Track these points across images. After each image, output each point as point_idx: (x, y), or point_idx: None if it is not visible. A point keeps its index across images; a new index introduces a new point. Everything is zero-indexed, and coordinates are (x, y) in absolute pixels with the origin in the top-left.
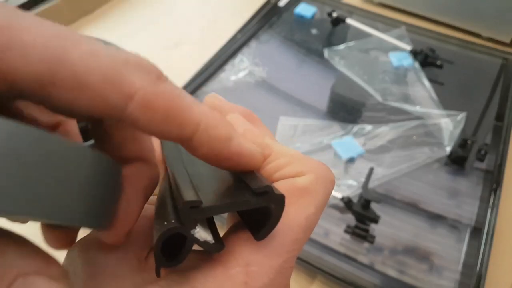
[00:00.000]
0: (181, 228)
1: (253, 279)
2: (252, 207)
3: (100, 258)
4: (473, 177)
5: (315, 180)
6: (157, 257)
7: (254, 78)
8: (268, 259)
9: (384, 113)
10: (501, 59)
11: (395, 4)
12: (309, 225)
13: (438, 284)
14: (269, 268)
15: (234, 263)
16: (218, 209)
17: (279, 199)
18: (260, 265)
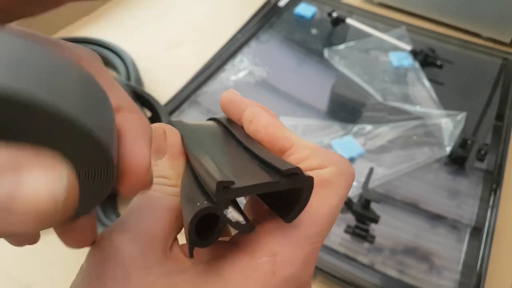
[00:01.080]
0: (215, 208)
1: (280, 268)
2: (282, 188)
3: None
4: (473, 177)
5: (337, 173)
6: (191, 237)
7: (254, 78)
8: (294, 250)
9: (384, 113)
10: (501, 59)
11: (395, 4)
12: (331, 217)
13: (438, 284)
14: (295, 258)
15: (260, 253)
16: (250, 189)
17: (309, 181)
18: (287, 255)
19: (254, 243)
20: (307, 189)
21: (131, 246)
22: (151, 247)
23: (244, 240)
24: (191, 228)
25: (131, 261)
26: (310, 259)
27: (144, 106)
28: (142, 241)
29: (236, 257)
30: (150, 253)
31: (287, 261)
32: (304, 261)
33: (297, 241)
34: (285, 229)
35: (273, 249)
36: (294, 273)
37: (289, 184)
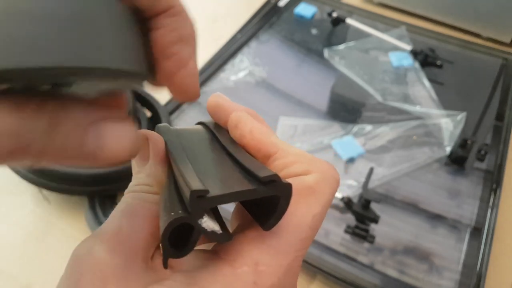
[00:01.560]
0: (188, 217)
1: (262, 278)
2: (260, 196)
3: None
4: (473, 177)
5: (321, 179)
6: (164, 247)
7: (254, 78)
8: (276, 259)
9: (384, 113)
10: (501, 59)
11: (395, 4)
12: (315, 224)
13: (438, 284)
14: (278, 267)
15: (242, 263)
16: (225, 198)
17: (286, 188)
18: (269, 264)
19: (235, 252)
20: (285, 196)
21: (110, 257)
22: (131, 258)
23: (226, 249)
24: (164, 239)
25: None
26: (293, 268)
27: (144, 106)
28: (122, 251)
29: (217, 267)
30: (129, 264)
31: (269, 271)
32: (287, 270)
33: (279, 250)
34: (267, 237)
35: (254, 258)
36: (276, 283)
37: (266, 191)
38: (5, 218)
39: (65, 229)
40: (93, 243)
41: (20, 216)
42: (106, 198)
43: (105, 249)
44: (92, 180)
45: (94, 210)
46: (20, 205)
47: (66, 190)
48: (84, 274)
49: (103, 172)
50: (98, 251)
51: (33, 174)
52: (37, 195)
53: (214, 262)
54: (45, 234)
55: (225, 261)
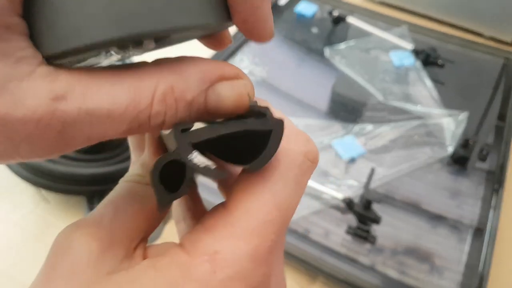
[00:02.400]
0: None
1: (222, 267)
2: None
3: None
4: (475, 177)
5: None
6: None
7: (254, 78)
8: (236, 245)
9: (385, 112)
10: (503, 59)
11: (396, 3)
12: (280, 203)
13: (440, 285)
14: (238, 255)
15: (200, 251)
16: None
17: (278, 122)
18: (228, 252)
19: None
20: (276, 132)
21: (88, 244)
22: (110, 247)
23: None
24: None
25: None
26: (259, 254)
27: None
28: (101, 239)
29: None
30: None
31: (229, 259)
32: (251, 257)
33: (239, 236)
34: (226, 224)
35: (213, 247)
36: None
37: (256, 124)
38: (4, 218)
39: None
40: (72, 231)
41: (19, 216)
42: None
43: (81, 235)
44: (91, 180)
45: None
46: (19, 205)
47: (65, 190)
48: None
49: (102, 172)
50: (74, 237)
51: (32, 174)
52: (36, 195)
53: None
54: (44, 234)
55: (185, 251)
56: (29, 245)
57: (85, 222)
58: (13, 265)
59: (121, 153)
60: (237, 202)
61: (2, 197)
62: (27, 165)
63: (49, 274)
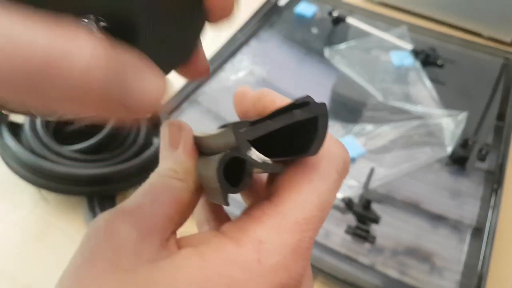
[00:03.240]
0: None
1: (266, 256)
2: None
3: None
4: (474, 177)
5: (325, 157)
6: (222, 184)
7: (254, 78)
8: (281, 237)
9: (385, 112)
10: (502, 59)
11: (395, 3)
12: (322, 204)
13: (439, 284)
14: (282, 246)
15: (246, 240)
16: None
17: (321, 106)
18: (273, 242)
19: (239, 231)
20: (322, 116)
21: (128, 231)
22: (148, 235)
23: (231, 227)
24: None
25: (125, 245)
26: (301, 248)
27: None
28: (140, 227)
29: (222, 243)
30: (145, 240)
31: (273, 249)
32: (293, 250)
33: (284, 228)
34: (272, 215)
35: (258, 237)
36: (282, 262)
37: (303, 113)
38: (4, 218)
39: (64, 229)
40: (113, 217)
41: (19, 216)
42: (105, 198)
43: (122, 222)
44: (91, 180)
45: (93, 210)
46: (19, 205)
47: (65, 191)
48: (98, 243)
49: (102, 173)
50: (115, 223)
51: (32, 174)
52: (36, 195)
53: (220, 239)
54: (44, 234)
55: (231, 239)
56: (29, 245)
57: (125, 210)
58: (13, 265)
59: (121, 153)
60: (284, 197)
61: (2, 197)
62: (27, 165)
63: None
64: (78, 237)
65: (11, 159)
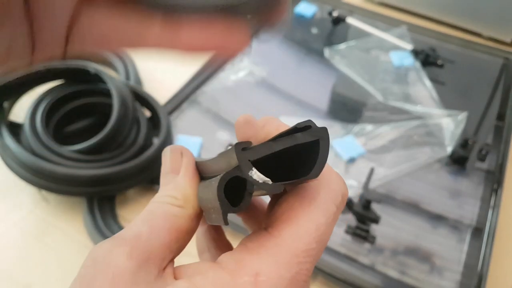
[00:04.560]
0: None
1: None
2: (300, 141)
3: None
4: (474, 177)
5: (325, 189)
6: (222, 203)
7: (254, 78)
8: (278, 269)
9: (385, 112)
10: (502, 59)
11: (395, 3)
12: (320, 236)
13: (439, 284)
14: (279, 279)
15: (242, 273)
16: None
17: (323, 130)
18: (270, 275)
19: (236, 262)
20: (324, 140)
21: (126, 261)
22: (145, 265)
23: (228, 258)
24: (220, 193)
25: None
26: (298, 281)
27: (144, 106)
28: (137, 257)
29: (218, 275)
30: (142, 270)
31: (270, 282)
32: (290, 283)
33: (281, 261)
34: (270, 247)
35: (255, 269)
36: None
37: (305, 136)
38: (4, 218)
39: (64, 230)
40: (111, 246)
41: (19, 216)
42: (104, 199)
43: (121, 252)
44: (91, 181)
45: (93, 211)
46: (19, 205)
47: (65, 191)
48: (97, 274)
49: (102, 174)
50: (114, 254)
51: (32, 174)
52: (36, 196)
53: (216, 271)
54: (44, 234)
55: (227, 271)
56: (29, 245)
57: (123, 239)
58: (13, 265)
59: (121, 154)
60: (282, 229)
61: (2, 197)
62: (27, 166)
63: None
64: (77, 237)
65: (11, 159)
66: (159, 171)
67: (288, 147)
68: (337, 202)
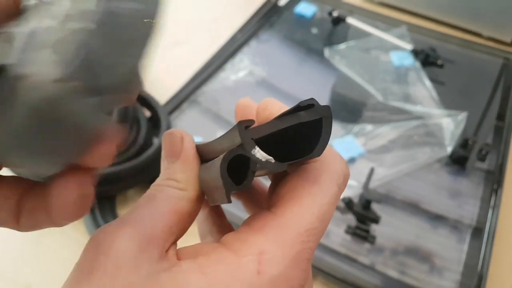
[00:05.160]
0: (242, 148)
1: (266, 267)
2: (303, 119)
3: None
4: (474, 177)
5: (327, 170)
6: (225, 181)
7: (254, 78)
8: (281, 248)
9: (385, 112)
10: (502, 59)
11: (395, 3)
12: (323, 216)
13: (439, 284)
14: (283, 257)
15: (246, 252)
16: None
17: (326, 109)
18: (273, 253)
19: (240, 242)
20: (327, 118)
21: (127, 243)
22: (147, 247)
23: (231, 239)
24: (223, 171)
25: (124, 258)
26: (301, 259)
27: (144, 106)
28: (140, 239)
29: (222, 255)
30: (144, 252)
31: (273, 260)
32: (293, 261)
33: (285, 239)
34: (273, 227)
35: (259, 247)
36: (282, 273)
37: (308, 115)
38: None
39: (64, 230)
40: (113, 228)
41: None
42: (104, 199)
43: (123, 234)
44: None
45: (93, 211)
46: None
47: None
48: (97, 256)
49: (102, 173)
50: (115, 235)
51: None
52: None
53: (220, 250)
54: (44, 234)
55: (230, 250)
56: (29, 245)
57: (125, 222)
58: (13, 265)
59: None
60: (285, 208)
61: None
62: None
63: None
64: (77, 237)
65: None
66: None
67: (291, 125)
68: (339, 183)
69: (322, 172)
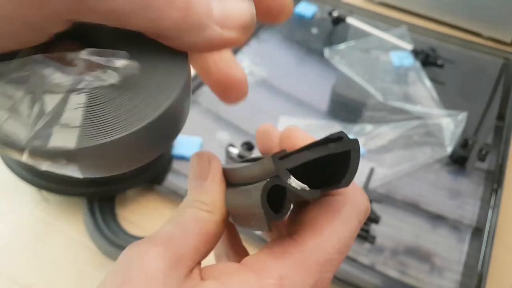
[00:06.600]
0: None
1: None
2: (333, 151)
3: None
4: (474, 177)
5: (348, 204)
6: (266, 210)
7: (254, 78)
8: (301, 275)
9: (385, 112)
10: (502, 59)
11: (395, 3)
12: (342, 248)
13: (439, 284)
14: (302, 284)
15: (267, 275)
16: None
17: (354, 142)
18: (294, 279)
19: (262, 265)
20: (355, 151)
21: (158, 261)
22: (176, 265)
23: (253, 261)
24: (264, 201)
25: (154, 275)
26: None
27: None
28: (169, 257)
29: (244, 276)
30: (173, 270)
31: (293, 286)
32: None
33: (305, 267)
34: (294, 254)
35: (280, 272)
36: None
37: (338, 147)
38: (4, 219)
39: (64, 230)
40: (146, 246)
41: (19, 216)
42: (105, 199)
43: (155, 253)
44: (91, 181)
45: (93, 211)
46: (19, 205)
47: (65, 192)
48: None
49: None
50: (148, 254)
51: (32, 175)
52: (36, 196)
53: (243, 272)
54: (44, 235)
55: (253, 272)
56: (29, 245)
57: (157, 240)
58: (13, 265)
59: None
60: (307, 237)
61: (2, 197)
62: (27, 166)
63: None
64: (77, 237)
65: (11, 159)
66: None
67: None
68: (360, 217)
69: (344, 205)
